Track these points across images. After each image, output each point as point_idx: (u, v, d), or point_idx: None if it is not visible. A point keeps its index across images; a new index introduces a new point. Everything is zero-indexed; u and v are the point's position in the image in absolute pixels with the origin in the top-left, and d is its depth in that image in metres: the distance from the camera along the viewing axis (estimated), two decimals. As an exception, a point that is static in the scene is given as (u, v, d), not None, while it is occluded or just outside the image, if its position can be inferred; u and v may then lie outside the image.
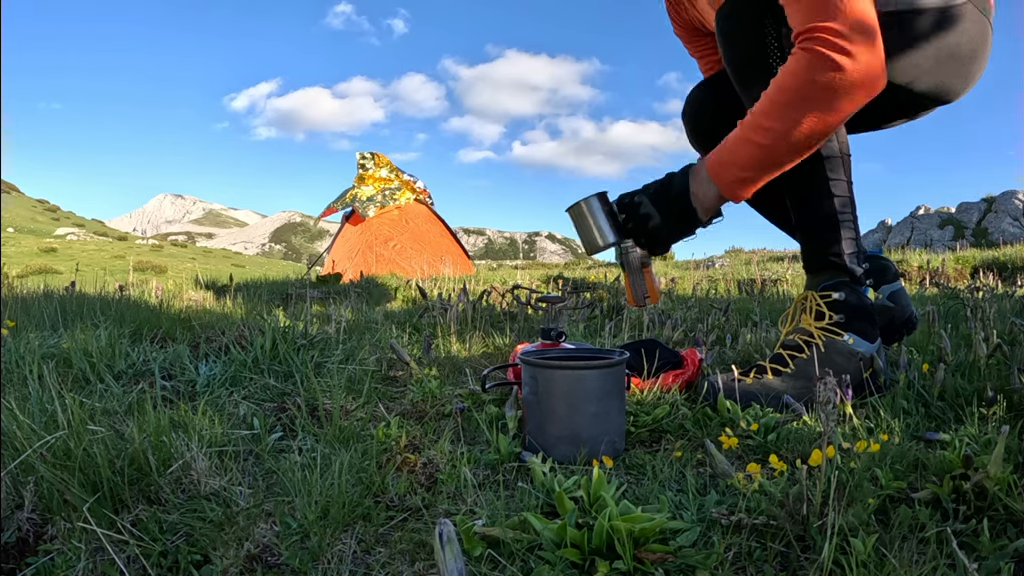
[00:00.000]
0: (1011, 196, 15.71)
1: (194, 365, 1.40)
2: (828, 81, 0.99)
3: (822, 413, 0.66)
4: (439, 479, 0.89)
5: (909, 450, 0.89)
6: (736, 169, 1.08)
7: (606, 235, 1.19)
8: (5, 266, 4.55)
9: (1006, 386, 1.06)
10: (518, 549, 0.69)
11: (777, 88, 1.04)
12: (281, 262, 57.32)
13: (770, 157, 1.06)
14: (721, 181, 1.10)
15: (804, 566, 0.67)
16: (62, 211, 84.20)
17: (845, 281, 1.20)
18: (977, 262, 4.98)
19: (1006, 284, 3.52)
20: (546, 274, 6.08)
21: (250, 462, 0.96)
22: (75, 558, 0.70)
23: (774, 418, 1.03)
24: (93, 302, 2.16)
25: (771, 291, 3.28)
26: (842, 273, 1.20)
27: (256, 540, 0.72)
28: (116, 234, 57.07)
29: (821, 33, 0.99)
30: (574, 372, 0.97)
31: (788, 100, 1.03)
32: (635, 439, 1.05)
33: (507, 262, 18.84)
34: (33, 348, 1.45)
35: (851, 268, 1.20)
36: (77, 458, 0.81)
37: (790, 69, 1.02)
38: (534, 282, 4.45)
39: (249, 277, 4.92)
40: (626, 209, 1.18)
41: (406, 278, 4.87)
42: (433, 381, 1.28)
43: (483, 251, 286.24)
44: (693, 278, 4.55)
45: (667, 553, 0.65)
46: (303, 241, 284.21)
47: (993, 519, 0.71)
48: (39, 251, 22.20)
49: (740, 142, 1.08)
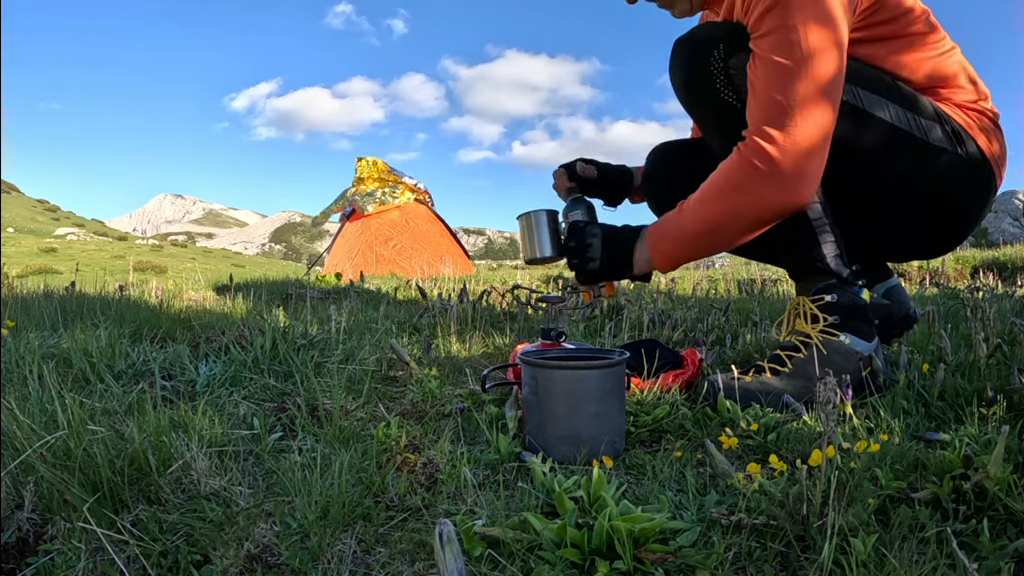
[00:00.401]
0: (1011, 196, 15.71)
1: (194, 365, 1.40)
2: (754, 188, 1.07)
3: (822, 413, 0.66)
4: (439, 479, 0.89)
5: (909, 450, 0.89)
6: (669, 243, 1.18)
7: (544, 249, 1.30)
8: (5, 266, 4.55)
9: (1006, 386, 1.06)
10: (518, 549, 0.69)
11: (713, 181, 1.11)
12: (281, 262, 57.34)
13: (703, 239, 1.15)
14: (655, 250, 1.19)
15: (804, 566, 0.67)
16: (62, 211, 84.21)
17: (834, 283, 1.20)
18: (977, 262, 4.98)
19: (1006, 284, 3.52)
20: (546, 274, 6.08)
21: (250, 462, 0.96)
22: (75, 558, 0.70)
23: (774, 418, 1.03)
24: (93, 302, 2.16)
25: (771, 291, 3.29)
26: (829, 276, 1.20)
27: (256, 540, 0.72)
28: (116, 234, 57.10)
29: (760, 139, 1.05)
30: (574, 372, 0.97)
31: (718, 195, 1.10)
32: (635, 439, 1.05)
33: (507, 262, 18.84)
34: (33, 348, 1.45)
35: (836, 271, 1.19)
36: (77, 458, 0.81)
37: (727, 165, 1.09)
38: (534, 282, 4.45)
39: (249, 277, 4.92)
40: (576, 235, 1.25)
41: (406, 278, 4.87)
42: (433, 381, 1.28)
43: (483, 251, 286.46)
44: (693, 278, 4.55)
45: (667, 553, 0.66)
46: (303, 241, 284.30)
47: (993, 519, 0.71)
48: (39, 251, 22.20)
49: (681, 219, 1.15)
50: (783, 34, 1.03)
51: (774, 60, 1.04)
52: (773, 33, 1.04)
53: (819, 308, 1.19)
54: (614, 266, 1.23)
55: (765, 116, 1.05)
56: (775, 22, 1.04)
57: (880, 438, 0.89)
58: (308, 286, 3.61)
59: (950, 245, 1.36)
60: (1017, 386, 1.04)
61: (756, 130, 1.06)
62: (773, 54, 1.04)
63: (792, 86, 1.02)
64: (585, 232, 1.24)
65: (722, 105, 1.16)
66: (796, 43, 1.02)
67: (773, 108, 1.04)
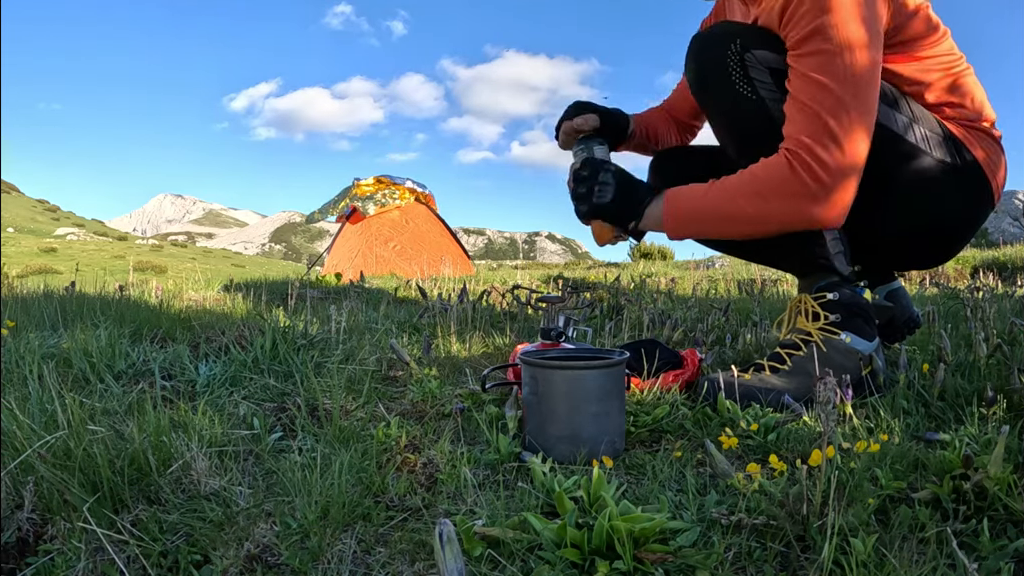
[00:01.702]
0: (1011, 196, 15.71)
1: (194, 365, 1.40)
2: (797, 200, 1.07)
3: (822, 413, 0.66)
4: (439, 479, 0.89)
5: (909, 450, 0.89)
6: (687, 213, 1.17)
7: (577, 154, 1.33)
8: (5, 266, 4.55)
9: (1006, 386, 1.06)
10: (518, 549, 0.69)
11: (755, 177, 1.10)
12: (281, 262, 57.32)
13: (722, 223, 1.15)
14: (670, 212, 1.18)
15: (804, 566, 0.67)
16: (62, 211, 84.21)
17: (837, 281, 1.20)
18: (977, 262, 4.98)
19: (1006, 284, 3.52)
20: (546, 274, 6.08)
21: (250, 462, 0.96)
22: (75, 558, 0.70)
23: (774, 418, 1.03)
24: (93, 302, 2.16)
25: (771, 291, 3.28)
26: (833, 274, 1.20)
27: (256, 540, 0.72)
28: (116, 234, 57.09)
29: (810, 157, 1.05)
30: (574, 372, 0.97)
31: (756, 193, 1.10)
32: (635, 439, 1.05)
33: (507, 262, 18.83)
34: (33, 348, 1.45)
35: (840, 269, 1.20)
36: (77, 458, 0.81)
37: (772, 165, 1.09)
38: (534, 282, 4.45)
39: (249, 277, 4.92)
40: (591, 166, 1.24)
41: (406, 278, 4.87)
42: (433, 381, 1.28)
43: (483, 251, 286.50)
44: (693, 278, 4.55)
45: (667, 553, 0.65)
46: (303, 241, 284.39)
47: (993, 519, 0.71)
48: (39, 251, 22.20)
49: (706, 196, 1.14)
50: (831, 58, 1.03)
51: (822, 81, 1.04)
52: (820, 55, 1.04)
53: (821, 306, 1.19)
54: (623, 208, 1.21)
55: (816, 134, 1.05)
56: (821, 44, 1.04)
57: (880, 438, 0.89)
58: (308, 286, 3.61)
59: (945, 259, 1.36)
60: (1017, 386, 1.04)
61: (805, 145, 1.05)
62: (821, 75, 1.04)
63: (844, 113, 1.03)
64: (601, 166, 1.23)
65: (738, 96, 1.15)
66: (846, 69, 1.03)
67: (824, 129, 1.04)
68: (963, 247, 1.35)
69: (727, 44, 1.15)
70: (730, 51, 1.14)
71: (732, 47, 1.14)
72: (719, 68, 1.16)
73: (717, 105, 1.23)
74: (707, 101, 1.25)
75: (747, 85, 1.14)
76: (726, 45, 1.15)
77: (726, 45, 1.15)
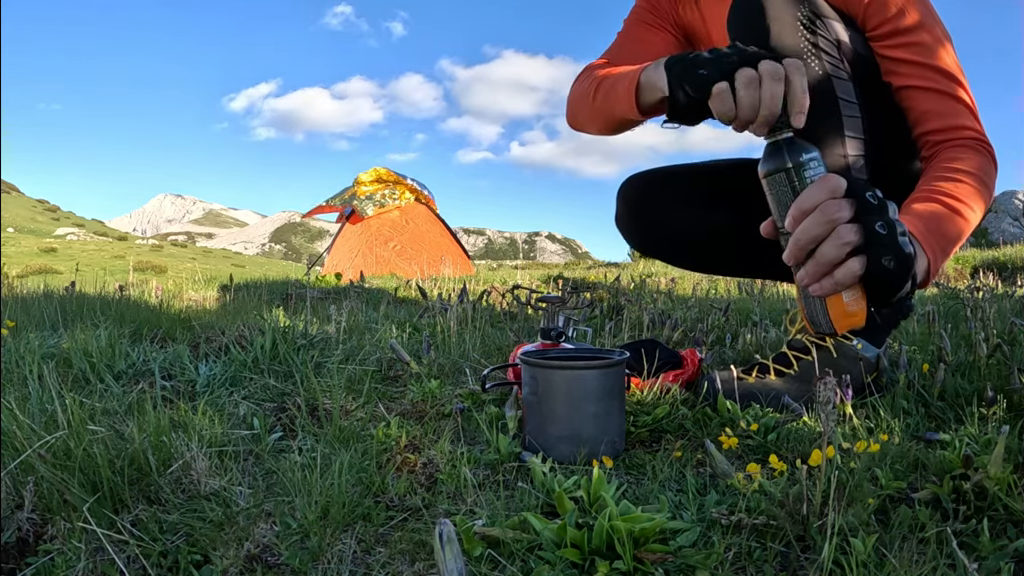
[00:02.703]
0: (1011, 196, 15.71)
1: (194, 365, 1.40)
2: (993, 186, 1.01)
3: (822, 413, 0.66)
4: (439, 479, 0.89)
5: (909, 450, 0.89)
6: (942, 240, 0.89)
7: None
8: (5, 266, 4.55)
9: (1006, 386, 1.06)
10: (518, 549, 0.69)
11: (978, 178, 0.99)
12: (281, 262, 57.34)
13: (964, 233, 0.93)
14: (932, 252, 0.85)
15: (804, 566, 0.67)
16: (62, 211, 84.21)
17: None
18: (977, 262, 4.98)
19: (1006, 284, 3.52)
20: (546, 274, 6.08)
21: (250, 462, 0.96)
22: (75, 558, 0.70)
23: (774, 418, 1.03)
24: (93, 302, 2.16)
25: (771, 291, 3.28)
26: None
27: (256, 540, 0.72)
28: (116, 234, 57.09)
29: (989, 147, 1.03)
30: (574, 372, 0.97)
31: (983, 194, 0.98)
32: (635, 439, 1.05)
33: (507, 262, 18.83)
34: (33, 348, 1.45)
35: None
36: (77, 458, 0.81)
37: (980, 162, 1.01)
38: (534, 282, 4.45)
39: (249, 277, 4.92)
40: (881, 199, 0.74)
41: (406, 278, 4.87)
42: (433, 381, 1.28)
43: (483, 251, 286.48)
44: (693, 278, 4.54)
45: (667, 553, 0.66)
46: (303, 241, 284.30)
47: (993, 519, 0.71)
48: (39, 251, 22.21)
49: (943, 214, 0.91)
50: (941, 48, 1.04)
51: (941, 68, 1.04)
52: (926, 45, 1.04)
53: None
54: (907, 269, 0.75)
55: (975, 121, 1.04)
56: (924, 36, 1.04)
57: (880, 438, 0.89)
58: (308, 286, 3.61)
59: None
60: (1017, 386, 1.04)
61: (980, 134, 1.03)
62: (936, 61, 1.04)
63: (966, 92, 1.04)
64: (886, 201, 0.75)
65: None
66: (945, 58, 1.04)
67: (969, 111, 1.03)
68: None
69: (797, 2, 1.03)
70: (800, 12, 1.03)
71: (801, 8, 1.03)
72: (789, 28, 1.02)
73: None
74: None
75: (814, 57, 1.03)
76: (796, 3, 1.03)
77: (796, 3, 1.03)
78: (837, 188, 0.73)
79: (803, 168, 0.77)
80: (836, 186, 0.73)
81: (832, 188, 0.73)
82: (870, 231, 0.72)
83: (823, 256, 0.73)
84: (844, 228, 0.72)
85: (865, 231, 0.73)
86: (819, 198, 0.73)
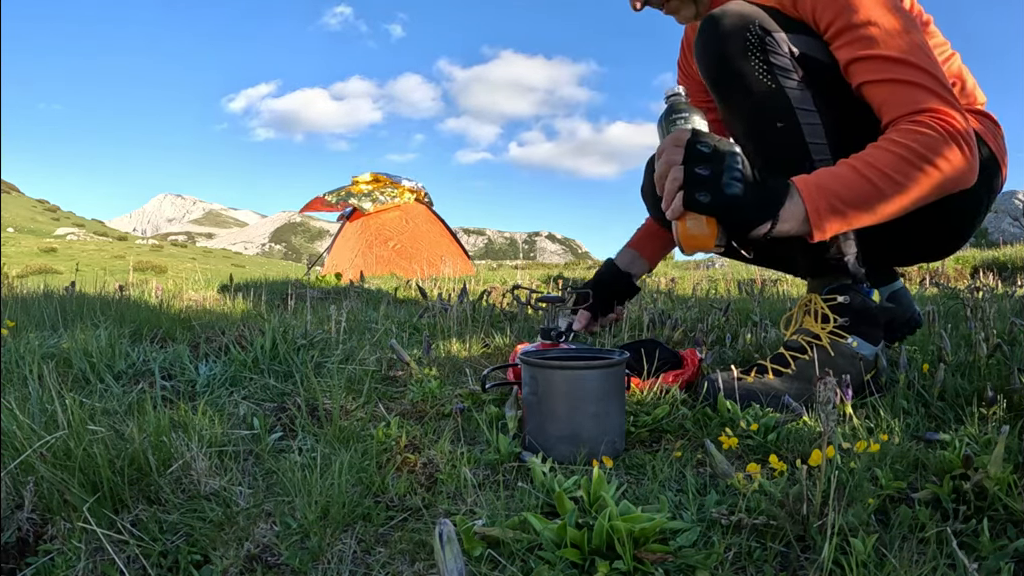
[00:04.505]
0: (1011, 196, 15.70)
1: (194, 365, 1.40)
2: (953, 163, 1.01)
3: (822, 413, 0.66)
4: (439, 479, 0.89)
5: (909, 450, 0.89)
6: (834, 198, 0.99)
7: None
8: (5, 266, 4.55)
9: (1006, 386, 1.06)
10: (518, 549, 0.69)
11: (907, 146, 1.01)
12: (281, 262, 57.35)
13: (873, 201, 1.00)
14: (815, 206, 0.98)
15: (804, 566, 0.67)
16: (62, 211, 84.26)
17: (849, 284, 1.19)
18: (977, 262, 4.98)
19: (1006, 284, 3.52)
20: (546, 274, 6.08)
21: (250, 462, 0.96)
22: (75, 558, 0.70)
23: (774, 418, 1.03)
24: (93, 302, 2.16)
25: (771, 291, 3.28)
26: (846, 276, 1.19)
27: (256, 540, 0.72)
28: (116, 234, 57.12)
29: (947, 119, 1.01)
30: (574, 372, 0.97)
31: (916, 162, 1.00)
32: (635, 439, 1.05)
33: (507, 262, 18.82)
34: (33, 348, 1.45)
35: (854, 271, 1.19)
36: (77, 458, 0.81)
37: (919, 133, 1.01)
38: (534, 282, 4.45)
39: (249, 277, 4.92)
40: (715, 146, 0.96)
41: (406, 278, 4.87)
42: (433, 381, 1.28)
43: (483, 251, 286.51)
44: (693, 278, 4.55)
45: (667, 553, 0.66)
46: (303, 241, 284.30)
47: (993, 519, 0.71)
48: (39, 251, 22.21)
49: (859, 180, 1.00)
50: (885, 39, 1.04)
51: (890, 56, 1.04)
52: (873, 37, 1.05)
53: (831, 308, 1.18)
54: (757, 205, 0.96)
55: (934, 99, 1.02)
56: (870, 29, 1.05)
57: (880, 438, 0.89)
58: (308, 286, 3.61)
59: (956, 247, 1.35)
60: (1017, 386, 1.04)
61: (935, 110, 1.02)
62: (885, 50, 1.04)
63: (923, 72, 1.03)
64: (730, 148, 0.96)
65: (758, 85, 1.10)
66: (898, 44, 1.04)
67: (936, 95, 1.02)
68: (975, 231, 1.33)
69: (745, 25, 1.08)
70: (748, 34, 1.08)
71: (751, 29, 1.08)
72: (739, 52, 1.09)
73: (732, 96, 1.15)
74: (722, 92, 1.17)
75: (767, 74, 1.08)
76: (745, 28, 1.08)
77: (745, 28, 1.08)
78: (679, 139, 0.97)
79: (671, 124, 1.04)
80: (679, 136, 0.97)
81: (676, 138, 0.98)
82: (688, 173, 0.96)
83: (665, 189, 0.98)
84: (675, 168, 0.97)
85: (685, 172, 0.96)
86: (665, 146, 0.99)
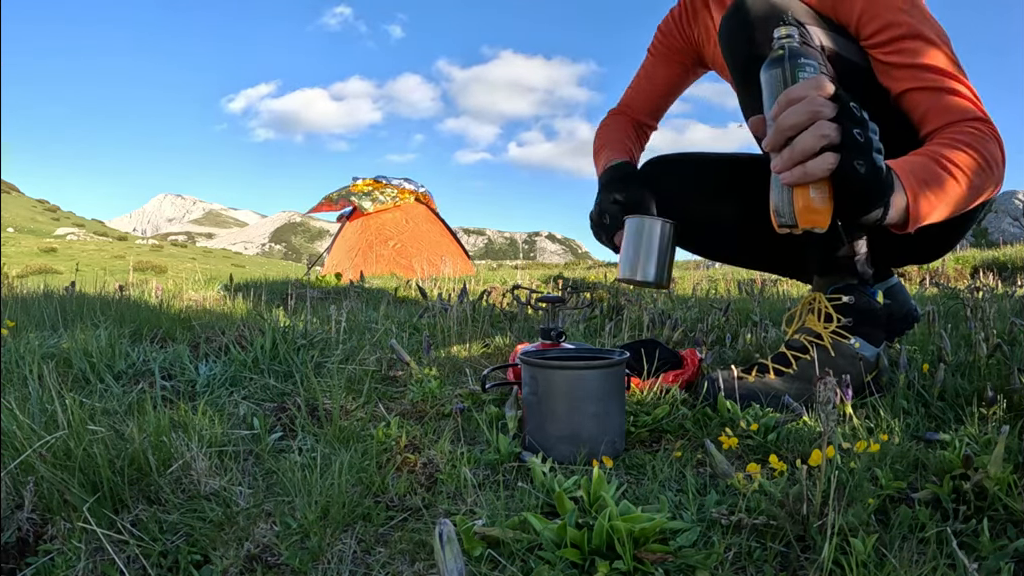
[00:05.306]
0: (1011, 196, 15.70)
1: (194, 365, 1.40)
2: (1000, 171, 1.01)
3: (822, 413, 0.66)
4: (439, 479, 0.89)
5: (909, 450, 0.89)
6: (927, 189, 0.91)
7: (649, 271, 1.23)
8: (5, 266, 4.55)
9: (1006, 386, 1.06)
10: (518, 549, 0.69)
11: (978, 150, 0.98)
12: (281, 262, 57.36)
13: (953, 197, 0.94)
14: (912, 192, 0.89)
15: (804, 566, 0.67)
16: (62, 211, 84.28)
17: (854, 284, 1.19)
18: (977, 262, 4.98)
19: (1006, 284, 3.52)
20: (546, 274, 6.08)
21: (250, 462, 0.96)
22: (75, 558, 0.70)
23: (774, 418, 1.03)
24: (93, 302, 2.16)
25: (771, 291, 3.28)
26: (852, 276, 1.19)
27: (256, 540, 0.72)
28: (116, 234, 57.14)
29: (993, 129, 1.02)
30: (574, 372, 0.97)
31: (982, 167, 0.98)
32: (635, 439, 1.05)
33: (507, 262, 18.83)
34: (33, 348, 1.45)
35: (862, 272, 1.18)
36: (77, 458, 0.81)
37: (983, 138, 1.00)
38: (534, 282, 4.45)
39: (249, 277, 4.92)
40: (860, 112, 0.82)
41: (406, 278, 4.87)
42: (433, 381, 1.28)
43: (483, 251, 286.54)
44: (693, 278, 4.55)
45: (667, 553, 0.65)
46: (303, 241, 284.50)
47: (993, 519, 0.71)
48: (39, 251, 22.22)
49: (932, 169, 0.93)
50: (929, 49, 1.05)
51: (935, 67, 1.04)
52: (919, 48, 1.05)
53: (834, 308, 1.18)
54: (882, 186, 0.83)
55: (977, 111, 1.03)
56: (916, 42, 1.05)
57: (880, 438, 0.89)
58: (308, 286, 3.61)
59: (949, 250, 1.35)
60: (1017, 386, 1.04)
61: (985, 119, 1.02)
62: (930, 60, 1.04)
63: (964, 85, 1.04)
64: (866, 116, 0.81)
65: None
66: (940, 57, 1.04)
67: (970, 101, 1.03)
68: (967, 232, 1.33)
69: (778, 15, 1.05)
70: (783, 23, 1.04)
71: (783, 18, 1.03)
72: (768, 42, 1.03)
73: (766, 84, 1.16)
74: (748, 79, 1.11)
75: None
76: (777, 16, 1.05)
77: (777, 16, 1.05)
78: (825, 88, 0.78)
79: (799, 69, 0.83)
80: (824, 85, 0.78)
81: (820, 85, 0.79)
82: (847, 133, 0.77)
83: (800, 143, 0.78)
84: (824, 123, 0.77)
85: (843, 131, 0.77)
86: (806, 92, 0.79)
